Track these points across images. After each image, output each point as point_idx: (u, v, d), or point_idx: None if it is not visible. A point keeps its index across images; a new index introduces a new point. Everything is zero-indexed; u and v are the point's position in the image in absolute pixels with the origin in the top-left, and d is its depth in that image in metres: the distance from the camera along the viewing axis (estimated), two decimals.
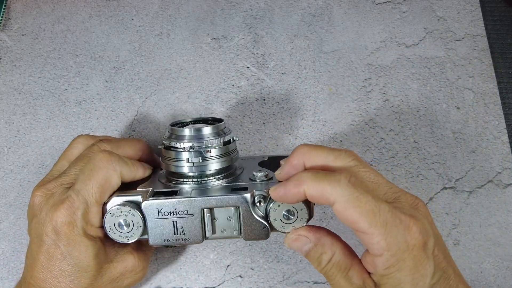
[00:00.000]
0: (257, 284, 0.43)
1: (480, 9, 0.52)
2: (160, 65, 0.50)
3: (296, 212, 0.33)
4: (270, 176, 0.35)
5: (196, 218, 0.33)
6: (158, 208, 0.33)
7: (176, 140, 0.35)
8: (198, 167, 0.35)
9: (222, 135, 0.36)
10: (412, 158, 0.46)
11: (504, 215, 0.45)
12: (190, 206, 0.33)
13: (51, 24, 0.51)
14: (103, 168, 0.33)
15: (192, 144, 0.35)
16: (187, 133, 0.35)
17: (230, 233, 0.34)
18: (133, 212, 0.33)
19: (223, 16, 0.51)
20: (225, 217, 0.34)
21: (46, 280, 0.33)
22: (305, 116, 0.48)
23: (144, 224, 0.33)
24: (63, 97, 0.48)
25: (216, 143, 0.35)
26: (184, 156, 0.35)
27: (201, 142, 0.35)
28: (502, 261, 0.43)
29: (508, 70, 0.50)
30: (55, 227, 0.32)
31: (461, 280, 0.31)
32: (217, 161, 0.35)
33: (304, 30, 0.51)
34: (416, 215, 0.29)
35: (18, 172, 0.46)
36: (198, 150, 0.35)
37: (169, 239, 0.34)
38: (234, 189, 0.34)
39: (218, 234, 0.34)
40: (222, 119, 0.38)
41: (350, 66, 0.50)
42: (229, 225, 0.34)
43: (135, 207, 0.33)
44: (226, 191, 0.34)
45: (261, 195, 0.33)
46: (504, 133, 0.47)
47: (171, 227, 0.34)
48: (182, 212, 0.33)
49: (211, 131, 0.35)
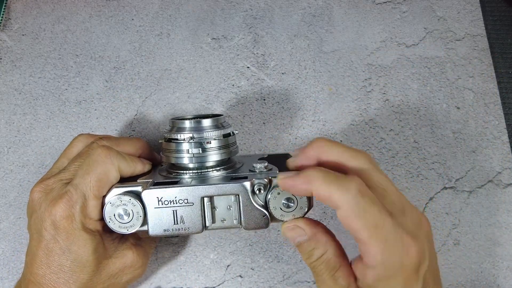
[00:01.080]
0: (257, 284, 0.43)
1: (480, 9, 0.52)
2: (160, 65, 0.50)
3: (296, 200, 0.33)
4: (270, 167, 0.35)
5: (196, 207, 0.34)
6: (158, 197, 0.33)
7: (177, 132, 0.36)
8: (198, 157, 0.36)
9: (222, 127, 0.37)
10: (412, 158, 0.46)
11: (504, 215, 0.44)
12: (190, 194, 0.33)
13: (51, 24, 0.51)
14: (101, 162, 0.33)
15: (192, 135, 0.35)
16: (188, 124, 0.36)
17: (230, 223, 0.34)
18: (133, 202, 0.33)
19: (223, 16, 0.51)
20: (224, 206, 0.34)
21: (45, 276, 0.33)
22: (305, 116, 0.48)
23: (144, 214, 0.33)
24: (63, 97, 0.48)
25: (216, 135, 0.36)
26: (184, 147, 0.35)
27: (201, 133, 0.35)
28: (502, 261, 0.43)
29: (508, 70, 0.50)
30: (54, 221, 0.32)
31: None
32: (217, 152, 0.36)
33: (304, 30, 0.51)
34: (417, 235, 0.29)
35: (18, 172, 0.46)
36: (198, 141, 0.35)
37: (169, 228, 0.34)
38: (234, 178, 0.35)
39: (218, 224, 0.34)
40: (222, 114, 0.38)
41: (350, 66, 0.50)
42: (229, 214, 0.34)
43: (135, 197, 0.33)
44: (226, 180, 0.34)
45: (261, 183, 0.33)
46: (504, 133, 0.47)
47: (171, 216, 0.34)
48: (182, 201, 0.33)
49: (211, 123, 0.36)
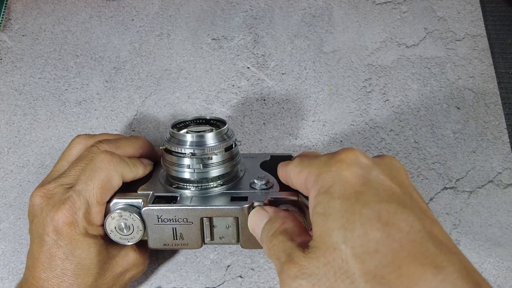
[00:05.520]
0: (257, 285, 0.43)
1: (480, 9, 0.52)
2: (160, 65, 0.50)
3: None
4: (271, 183, 0.35)
5: (195, 226, 0.34)
6: (158, 215, 0.33)
7: (177, 145, 0.34)
8: (199, 173, 0.35)
9: (224, 140, 0.35)
10: (413, 158, 0.46)
11: (504, 215, 0.44)
12: (189, 214, 0.33)
13: (52, 25, 0.51)
14: (104, 169, 0.33)
15: (193, 151, 0.34)
16: (189, 138, 0.34)
17: (228, 240, 0.35)
18: (134, 217, 0.33)
19: (223, 17, 0.51)
20: (223, 225, 0.34)
21: (49, 280, 0.33)
22: (305, 116, 0.48)
23: (144, 228, 0.34)
24: (63, 98, 0.48)
25: (218, 150, 0.35)
26: (185, 162, 0.34)
27: (203, 149, 0.34)
28: (503, 261, 0.43)
29: (508, 70, 0.50)
30: (56, 227, 0.32)
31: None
32: (218, 167, 0.35)
33: (304, 31, 0.51)
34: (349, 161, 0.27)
35: (18, 172, 0.46)
36: (200, 157, 0.34)
37: (169, 243, 0.34)
38: (234, 198, 0.34)
39: (217, 241, 0.35)
40: (225, 121, 0.37)
41: (350, 66, 0.50)
42: (228, 233, 0.34)
43: (136, 212, 0.33)
44: (225, 201, 0.34)
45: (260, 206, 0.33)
46: (505, 133, 0.47)
47: (170, 232, 0.34)
48: (181, 220, 0.33)
49: (213, 137, 0.35)
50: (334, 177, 0.26)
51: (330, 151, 0.46)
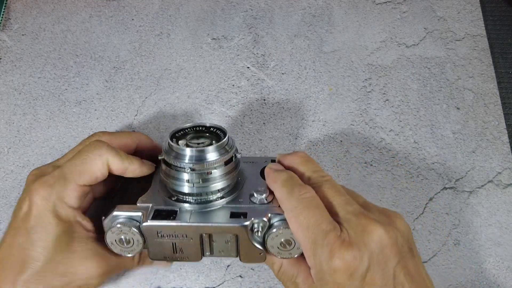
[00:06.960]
0: (257, 284, 0.43)
1: (480, 9, 0.52)
2: (160, 65, 0.50)
3: (293, 241, 0.33)
4: (270, 197, 0.35)
5: (195, 241, 0.34)
6: (157, 231, 0.34)
7: (176, 159, 0.34)
8: (198, 187, 0.34)
9: (224, 153, 0.34)
10: (412, 158, 0.46)
11: (504, 215, 0.44)
12: (189, 231, 0.33)
13: (51, 24, 0.51)
14: (89, 153, 0.35)
15: (192, 167, 0.33)
16: (188, 153, 0.34)
17: (227, 254, 0.35)
18: (133, 231, 0.33)
19: (223, 16, 0.51)
20: (223, 240, 0.34)
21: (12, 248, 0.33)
22: (305, 116, 0.48)
23: (144, 242, 0.34)
24: (63, 97, 0.48)
25: (218, 164, 0.34)
26: (184, 176, 0.34)
27: (202, 164, 0.33)
28: (503, 261, 0.43)
29: (508, 70, 0.50)
30: (31, 197, 0.34)
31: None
32: (218, 181, 0.35)
33: (304, 30, 0.51)
34: (355, 243, 0.30)
35: (18, 172, 0.46)
36: (199, 172, 0.34)
37: (169, 256, 0.35)
38: (234, 214, 0.34)
39: (216, 254, 0.35)
40: (225, 131, 0.36)
41: (350, 66, 0.50)
42: (227, 248, 0.35)
43: (135, 226, 0.33)
44: (225, 217, 0.34)
45: (259, 224, 0.33)
46: (504, 133, 0.47)
47: (170, 246, 0.34)
48: (181, 235, 0.34)
49: (213, 151, 0.34)
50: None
51: (330, 151, 0.46)
